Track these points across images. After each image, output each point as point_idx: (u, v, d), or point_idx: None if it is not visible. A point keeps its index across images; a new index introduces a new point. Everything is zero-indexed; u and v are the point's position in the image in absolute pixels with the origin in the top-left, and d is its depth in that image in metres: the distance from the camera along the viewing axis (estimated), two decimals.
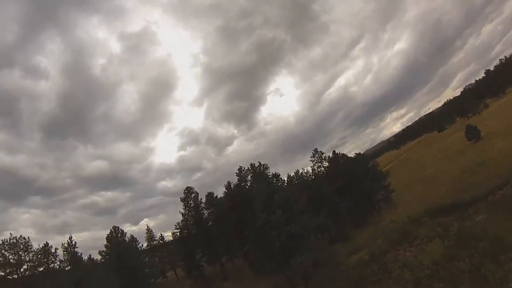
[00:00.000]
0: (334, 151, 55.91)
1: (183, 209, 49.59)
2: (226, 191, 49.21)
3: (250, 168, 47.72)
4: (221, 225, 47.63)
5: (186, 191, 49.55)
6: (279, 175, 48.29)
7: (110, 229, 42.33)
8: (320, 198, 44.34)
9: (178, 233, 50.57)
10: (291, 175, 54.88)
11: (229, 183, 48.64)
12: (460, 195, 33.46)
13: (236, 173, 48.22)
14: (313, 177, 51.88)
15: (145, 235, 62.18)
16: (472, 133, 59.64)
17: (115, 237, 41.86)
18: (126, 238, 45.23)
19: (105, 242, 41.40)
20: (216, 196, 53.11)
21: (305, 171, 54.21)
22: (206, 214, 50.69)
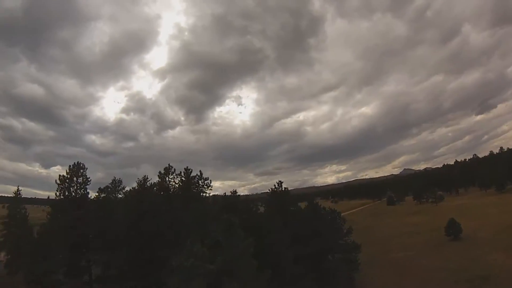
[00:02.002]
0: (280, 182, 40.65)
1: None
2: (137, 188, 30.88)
3: (182, 174, 29.57)
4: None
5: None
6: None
7: None
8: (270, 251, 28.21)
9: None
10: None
11: (145, 179, 30.37)
12: None
13: (160, 172, 29.72)
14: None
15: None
16: (454, 230, 49.62)
17: None
18: None
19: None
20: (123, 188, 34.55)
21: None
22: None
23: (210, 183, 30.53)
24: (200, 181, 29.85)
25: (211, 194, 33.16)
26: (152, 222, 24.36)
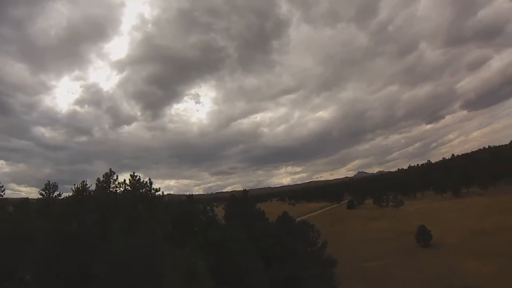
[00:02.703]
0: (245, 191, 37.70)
1: None
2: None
3: (128, 182, 21.99)
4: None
5: None
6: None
7: None
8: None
9: None
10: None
11: (83, 185, 22.58)
12: None
13: (99, 181, 21.87)
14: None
15: None
16: (425, 236, 47.70)
17: None
18: None
19: None
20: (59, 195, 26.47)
21: None
22: None
23: (163, 196, 23.61)
24: (150, 192, 22.55)
25: (165, 194, 26.55)
26: (76, 256, 15.87)
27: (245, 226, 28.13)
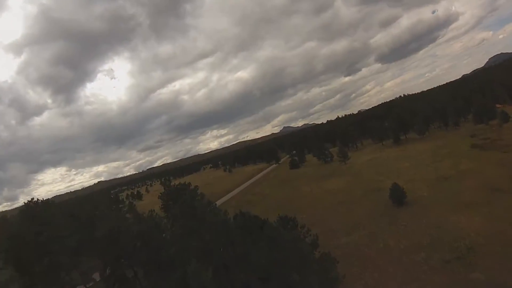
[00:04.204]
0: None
1: None
2: None
3: None
4: None
5: None
6: None
7: None
8: None
9: None
10: None
11: None
12: None
13: None
14: None
15: None
16: (398, 194, 43.43)
17: None
18: None
19: None
20: None
21: None
22: None
23: None
24: None
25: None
26: None
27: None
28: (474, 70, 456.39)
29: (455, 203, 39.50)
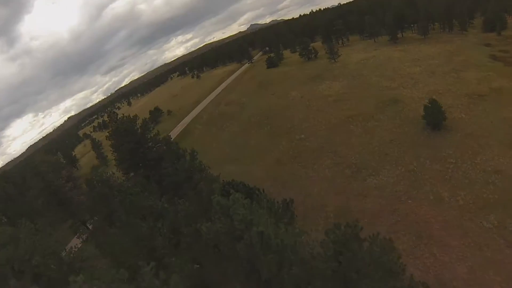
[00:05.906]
0: None
1: None
2: None
3: None
4: None
5: None
6: None
7: None
8: None
9: None
10: None
11: None
12: None
13: None
14: None
15: None
16: (436, 115, 32.43)
17: None
18: None
19: None
20: None
21: None
22: None
23: None
24: None
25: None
26: None
27: None
28: None
29: (510, 135, 29.88)
